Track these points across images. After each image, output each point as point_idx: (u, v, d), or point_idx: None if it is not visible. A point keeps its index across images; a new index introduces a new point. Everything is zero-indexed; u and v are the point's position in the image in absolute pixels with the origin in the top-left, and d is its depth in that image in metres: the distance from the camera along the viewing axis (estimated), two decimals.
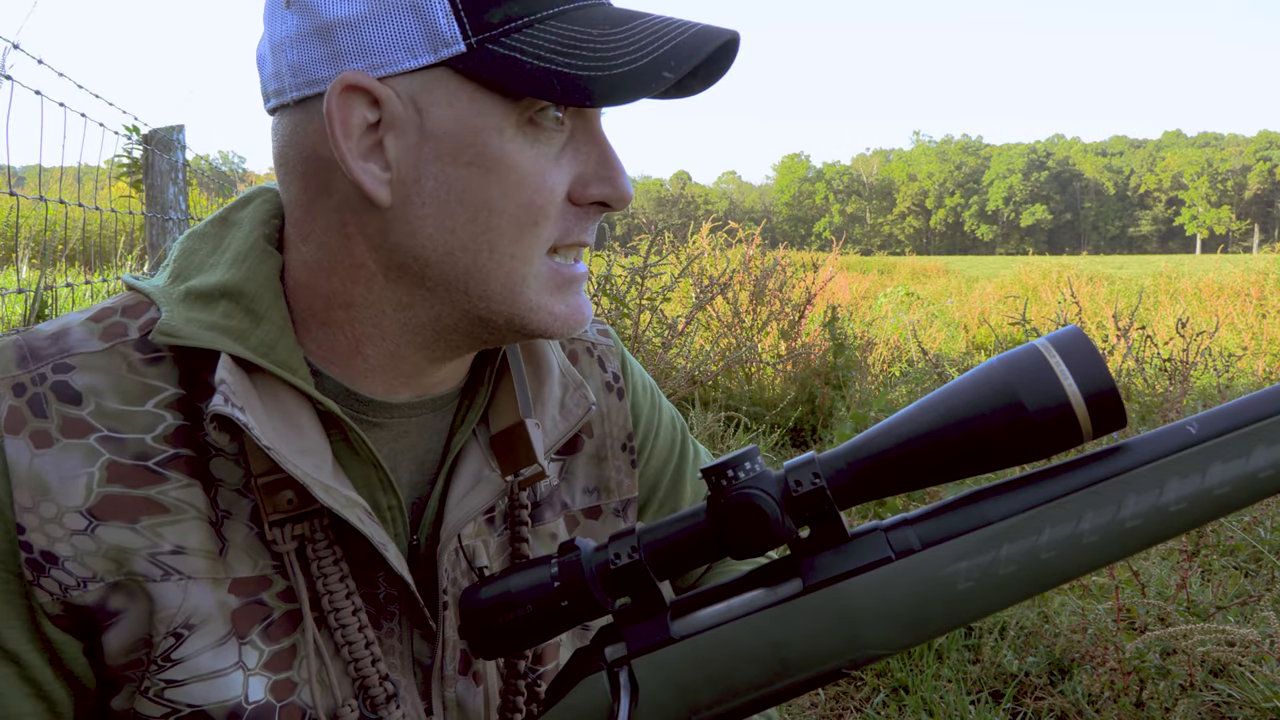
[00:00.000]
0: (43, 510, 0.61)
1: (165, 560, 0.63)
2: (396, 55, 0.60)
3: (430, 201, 0.62)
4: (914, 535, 0.58)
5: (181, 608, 0.63)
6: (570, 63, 0.60)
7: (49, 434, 0.62)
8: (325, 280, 0.67)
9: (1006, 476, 0.61)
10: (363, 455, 0.68)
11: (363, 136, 0.62)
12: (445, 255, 0.64)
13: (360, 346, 0.69)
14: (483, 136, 0.61)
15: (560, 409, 0.78)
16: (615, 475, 0.86)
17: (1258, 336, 7.78)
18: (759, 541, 0.58)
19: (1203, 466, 0.55)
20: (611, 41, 0.61)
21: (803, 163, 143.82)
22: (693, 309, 4.13)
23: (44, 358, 0.64)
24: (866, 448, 0.58)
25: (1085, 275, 13.45)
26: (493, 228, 0.63)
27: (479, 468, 0.74)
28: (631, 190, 0.68)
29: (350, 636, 0.67)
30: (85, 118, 2.45)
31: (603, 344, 0.89)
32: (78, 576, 0.61)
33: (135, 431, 0.64)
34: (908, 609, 0.57)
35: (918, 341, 3.99)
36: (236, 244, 0.69)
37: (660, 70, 0.60)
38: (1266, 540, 3.22)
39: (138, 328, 0.67)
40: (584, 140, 0.66)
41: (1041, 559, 0.56)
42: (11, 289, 2.53)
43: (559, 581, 0.61)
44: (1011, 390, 0.55)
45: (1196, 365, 3.82)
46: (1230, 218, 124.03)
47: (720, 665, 0.59)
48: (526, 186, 0.63)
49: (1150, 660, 2.28)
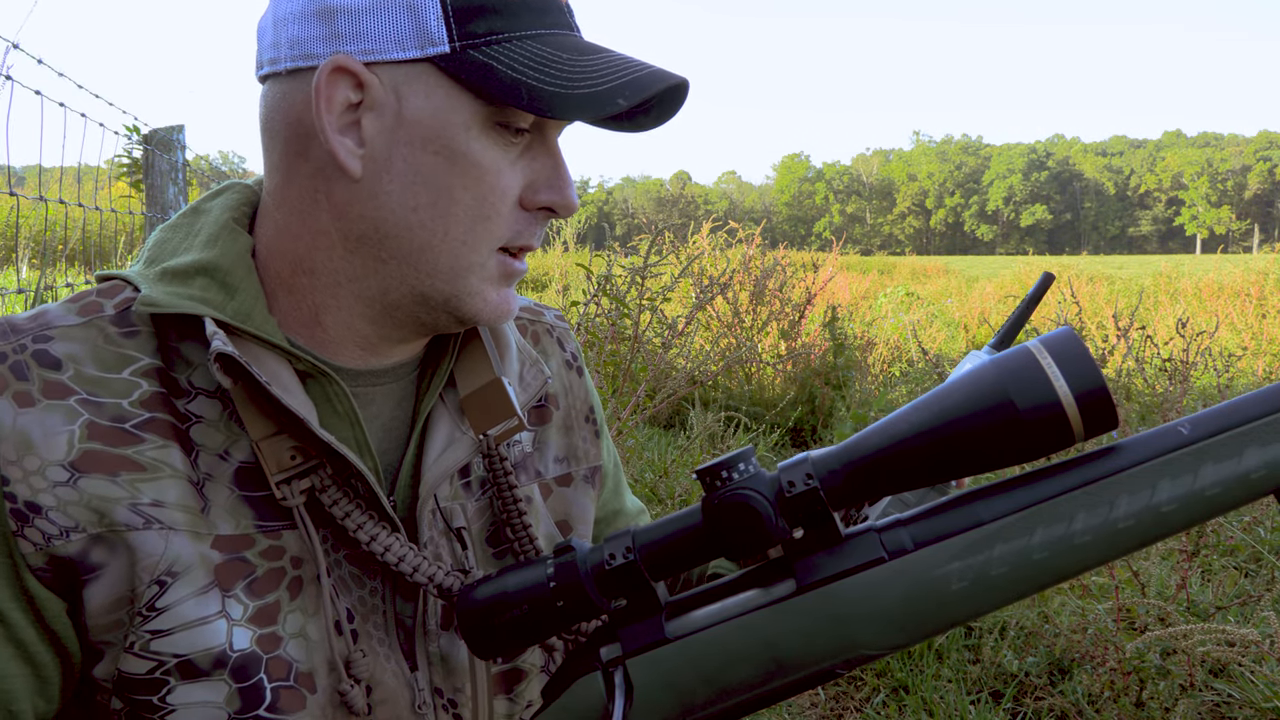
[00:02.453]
0: (26, 463, 0.64)
1: (145, 510, 0.66)
2: (387, 45, 0.67)
3: (397, 179, 0.68)
4: (907, 536, 0.58)
5: (164, 555, 0.65)
6: (539, 78, 0.66)
7: (31, 395, 0.65)
8: (291, 244, 0.72)
9: (1000, 477, 0.61)
10: (342, 412, 0.72)
11: (344, 113, 0.68)
12: (404, 230, 0.69)
13: (319, 315, 0.73)
14: (452, 130, 0.68)
15: (520, 381, 0.83)
16: (582, 444, 0.92)
17: (1258, 336, 7.79)
18: (753, 542, 0.58)
19: (1195, 467, 0.55)
20: (577, 66, 0.68)
21: (803, 163, 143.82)
22: (693, 309, 4.13)
23: (24, 331, 0.68)
24: (860, 449, 0.58)
25: (1085, 275, 13.45)
26: (450, 214, 0.69)
27: (450, 429, 0.78)
28: (576, 201, 0.75)
29: (400, 552, 0.70)
30: (85, 118, 2.45)
31: (560, 326, 0.97)
32: (60, 525, 0.64)
33: (112, 396, 0.67)
34: (901, 609, 0.57)
35: (918, 341, 4.00)
36: (208, 228, 0.74)
37: (615, 97, 0.67)
38: (1266, 540, 3.22)
39: (113, 305, 0.71)
40: (540, 150, 0.73)
41: (1034, 559, 0.56)
42: (11, 289, 2.53)
43: (555, 582, 0.61)
44: (1003, 391, 0.55)
45: (1196, 365, 3.82)
46: (1230, 218, 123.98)
47: (715, 665, 0.59)
48: (483, 182, 0.69)
49: (1150, 660, 2.28)
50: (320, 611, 0.69)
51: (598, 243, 51.71)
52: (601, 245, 29.51)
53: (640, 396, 3.29)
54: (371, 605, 0.73)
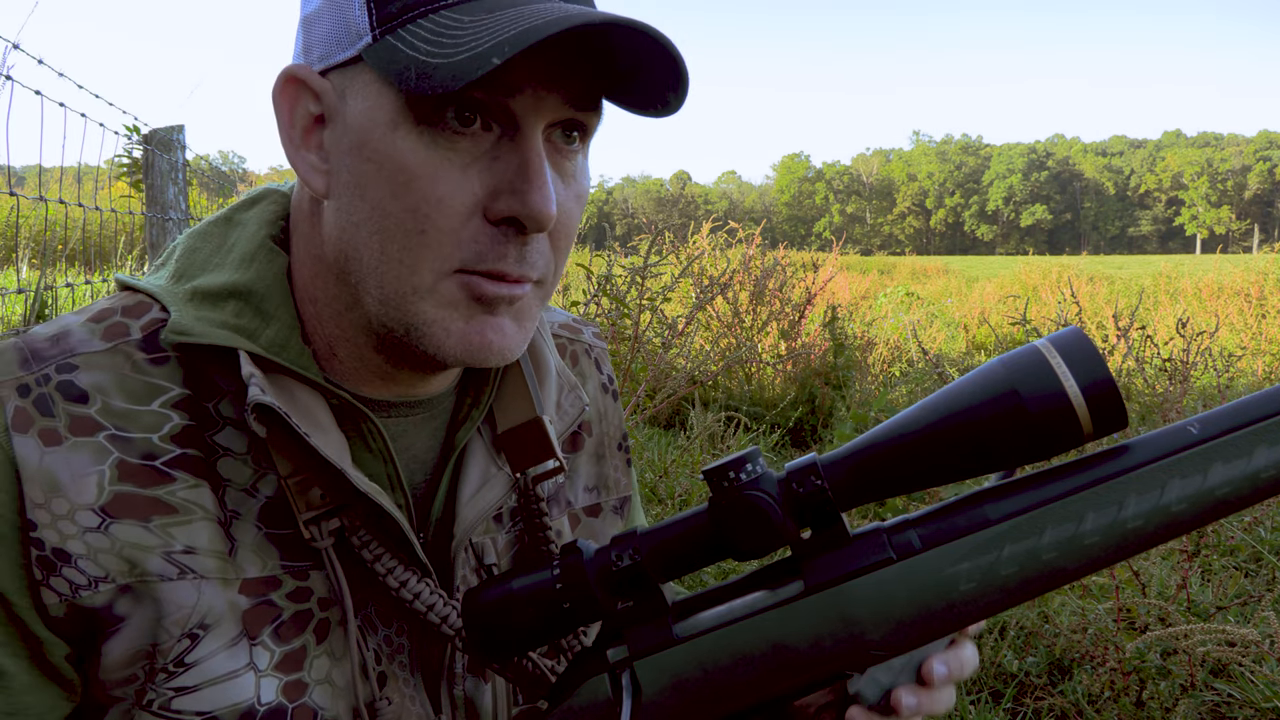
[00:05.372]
0: (54, 507, 0.59)
1: (179, 559, 0.61)
2: (331, 49, 0.62)
3: (344, 194, 0.62)
4: (915, 536, 0.58)
5: (196, 607, 0.61)
6: (430, 50, 0.56)
7: (57, 432, 0.60)
8: (307, 277, 0.68)
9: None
10: (375, 450, 0.68)
11: (308, 128, 0.63)
12: (354, 251, 0.62)
13: (333, 347, 0.68)
14: (378, 131, 0.60)
15: (557, 409, 0.78)
16: (613, 473, 0.88)
17: (1258, 336, 7.79)
18: (761, 543, 0.58)
19: (1204, 467, 0.55)
20: (474, 28, 0.56)
21: (803, 163, 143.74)
22: (693, 309, 4.13)
23: (46, 359, 0.63)
24: (868, 449, 0.58)
25: (1085, 275, 13.45)
26: (384, 229, 0.60)
27: (485, 465, 0.73)
28: (549, 209, 0.60)
29: (429, 601, 0.67)
30: (85, 118, 2.45)
31: (599, 347, 0.91)
32: (90, 575, 0.59)
33: (142, 431, 0.62)
34: (910, 610, 0.57)
35: (918, 341, 4.00)
36: (243, 244, 0.68)
37: (490, 55, 0.54)
38: (1266, 540, 3.22)
39: (140, 327, 0.65)
40: (507, 149, 0.61)
41: (1043, 560, 0.56)
42: (11, 289, 2.53)
43: (561, 583, 0.61)
44: (1012, 390, 0.55)
45: (1196, 365, 3.82)
46: (1230, 218, 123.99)
47: (722, 666, 0.59)
48: (413, 190, 0.59)
49: (1150, 660, 2.28)
50: (347, 655, 0.66)
51: (598, 243, 51.63)
52: (601, 245, 29.49)
53: (640, 396, 3.29)
54: (397, 644, 0.70)
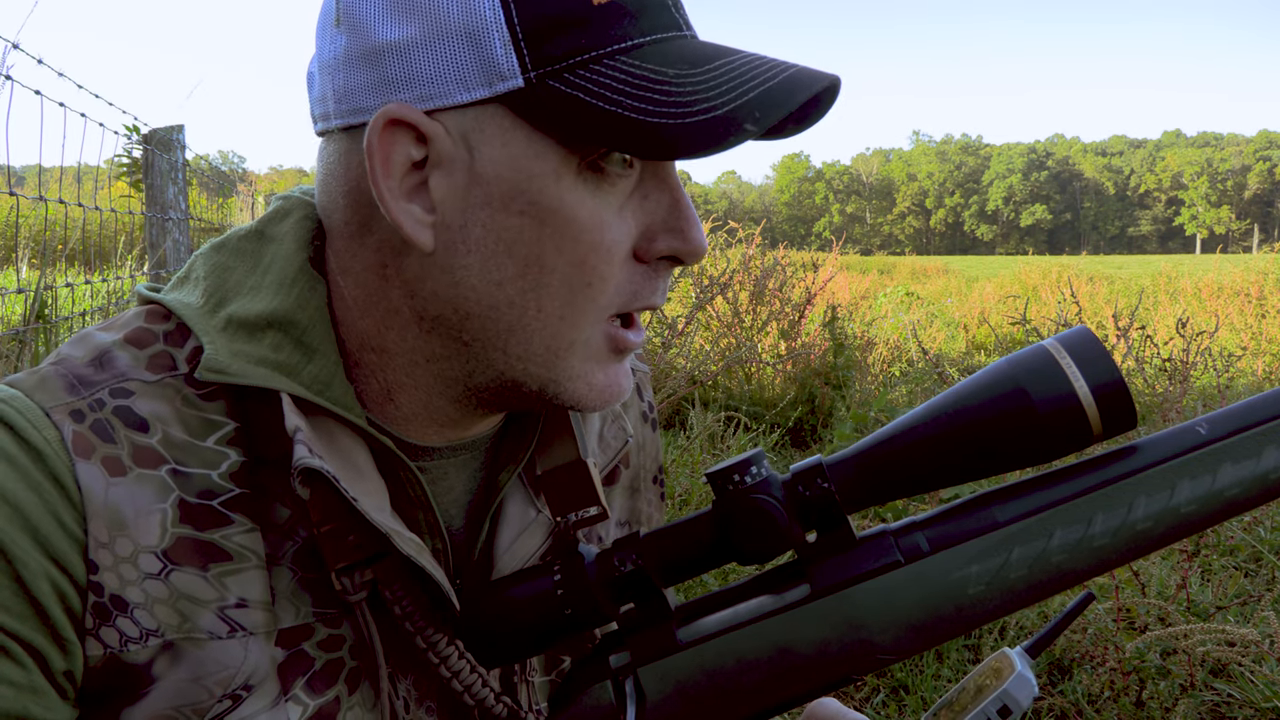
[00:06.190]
0: (118, 548, 0.53)
1: (232, 615, 0.56)
2: (448, 87, 0.55)
3: (476, 251, 0.57)
4: (923, 539, 0.58)
5: (242, 667, 0.56)
6: (642, 107, 0.53)
7: (121, 461, 0.55)
8: (360, 320, 0.62)
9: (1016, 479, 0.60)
10: (413, 497, 0.64)
11: (406, 175, 0.56)
12: (488, 310, 0.58)
13: (392, 394, 0.64)
14: (538, 183, 0.55)
15: (599, 441, 0.74)
16: (646, 508, 0.83)
17: (1258, 336, 7.79)
18: (765, 547, 0.57)
19: (1214, 468, 0.55)
20: (690, 84, 0.54)
21: (802, 162, 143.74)
22: (693, 309, 4.13)
23: (95, 383, 0.57)
24: (874, 451, 0.57)
25: (1085, 275, 13.45)
26: (542, 285, 0.57)
27: (524, 508, 0.69)
28: (705, 243, 0.60)
29: (455, 666, 0.62)
30: (85, 118, 2.45)
31: (641, 370, 0.84)
32: (143, 628, 0.53)
33: (201, 467, 0.57)
34: (918, 614, 0.57)
35: (918, 341, 4.00)
36: (279, 265, 0.63)
37: (743, 121, 0.52)
38: (1266, 540, 3.22)
39: (184, 359, 0.60)
40: (653, 187, 0.59)
41: (1053, 562, 0.56)
42: (11, 289, 2.53)
43: (562, 589, 0.60)
44: (1020, 390, 0.54)
45: (1196, 365, 3.82)
46: (1230, 218, 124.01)
47: (727, 672, 0.58)
48: (582, 243, 0.56)
49: (1150, 660, 2.27)
50: (379, 707, 0.61)
51: None
52: None
53: None
54: (425, 689, 0.66)
